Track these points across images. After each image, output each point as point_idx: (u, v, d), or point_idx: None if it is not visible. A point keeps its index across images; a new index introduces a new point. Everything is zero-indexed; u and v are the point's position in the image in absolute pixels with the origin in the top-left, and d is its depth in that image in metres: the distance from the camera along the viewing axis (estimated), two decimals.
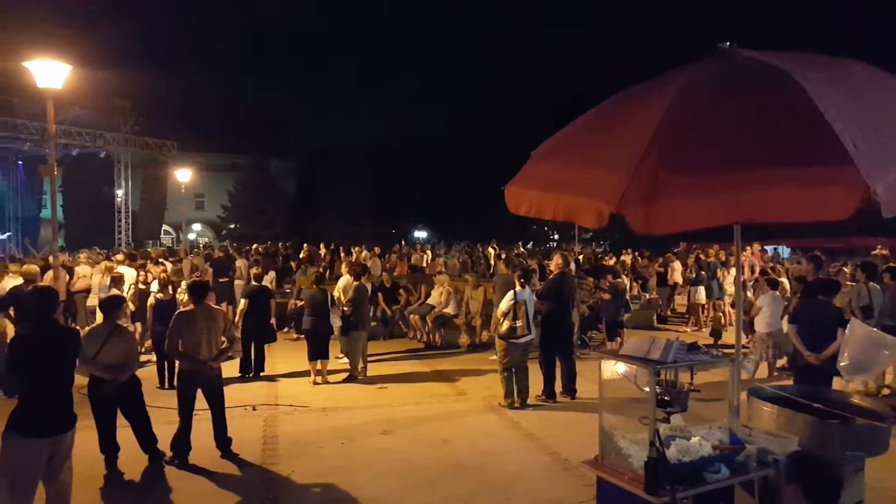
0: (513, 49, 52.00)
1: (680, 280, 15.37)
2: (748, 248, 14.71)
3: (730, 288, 13.62)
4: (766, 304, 9.02)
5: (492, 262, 21.85)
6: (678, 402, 3.86)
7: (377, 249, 21.10)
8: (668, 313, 15.39)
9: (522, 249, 24.61)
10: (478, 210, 39.89)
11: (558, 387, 8.12)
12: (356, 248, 21.75)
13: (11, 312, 7.96)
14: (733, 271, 12.76)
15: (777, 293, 9.28)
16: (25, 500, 4.01)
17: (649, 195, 2.85)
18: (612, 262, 16.11)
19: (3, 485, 3.98)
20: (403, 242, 29.95)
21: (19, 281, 8.80)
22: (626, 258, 17.30)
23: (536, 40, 52.59)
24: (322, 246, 23.04)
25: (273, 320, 10.01)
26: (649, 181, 2.87)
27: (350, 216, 39.20)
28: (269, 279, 13.25)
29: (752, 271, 13.23)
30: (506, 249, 23.74)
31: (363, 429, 6.94)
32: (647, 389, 3.57)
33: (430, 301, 12.50)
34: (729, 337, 11.71)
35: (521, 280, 7.92)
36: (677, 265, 15.53)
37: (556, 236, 46.99)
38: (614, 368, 3.88)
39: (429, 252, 22.80)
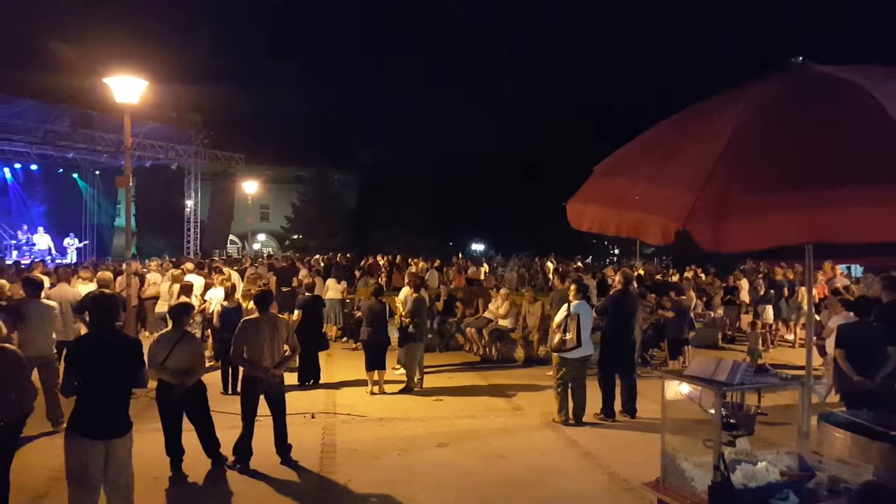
0: (576, 62, 51.67)
1: (747, 299, 14.83)
2: (825, 266, 14.05)
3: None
4: (838, 326, 8.59)
5: (550, 276, 21.64)
6: (744, 426, 3.73)
7: (438, 261, 21.22)
8: (735, 333, 14.83)
9: (580, 264, 24.26)
10: (536, 224, 39.65)
11: (617, 405, 7.94)
12: (414, 260, 21.95)
13: (86, 317, 8.37)
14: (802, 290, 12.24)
15: (851, 314, 8.82)
16: (87, 499, 4.17)
17: (718, 212, 2.77)
18: (675, 278, 15.70)
19: (69, 482, 4.18)
20: (461, 255, 30.01)
21: (93, 287, 9.26)
22: (690, 274, 16.82)
23: (600, 54, 52.09)
24: (380, 257, 23.37)
25: (333, 330, 10.18)
26: (718, 198, 2.79)
27: (409, 228, 39.62)
28: (340, 289, 13.61)
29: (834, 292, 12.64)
30: (564, 264, 23.47)
31: (419, 440, 6.97)
32: (713, 411, 3.47)
33: (486, 314, 12.46)
34: (799, 358, 11.26)
35: (577, 293, 7.82)
36: (744, 283, 15.00)
37: (617, 251, 46.13)
38: (678, 389, 3.78)
39: (486, 265, 22.77)
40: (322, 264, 18.95)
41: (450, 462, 6.31)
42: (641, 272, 16.72)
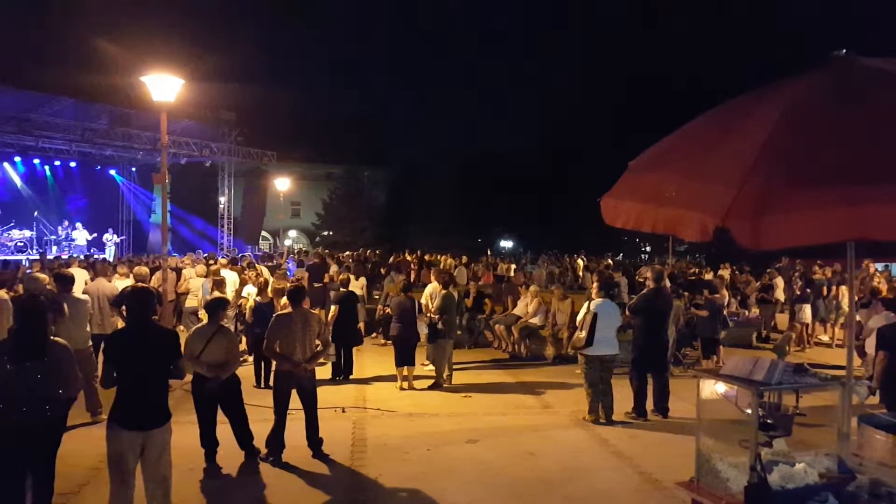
0: (606, 56, 51.12)
1: (782, 297, 14.52)
2: (862, 264, 13.70)
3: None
4: (879, 326, 8.36)
5: (580, 273, 21.50)
6: (782, 426, 3.65)
7: (465, 258, 21.23)
8: (770, 332, 14.53)
9: (610, 261, 24.04)
10: (566, 221, 39.40)
11: (649, 405, 7.85)
12: (442, 257, 21.98)
13: (124, 311, 8.56)
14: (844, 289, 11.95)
15: (893, 314, 8.59)
16: (125, 488, 4.27)
17: (758, 208, 2.71)
18: (709, 276, 15.44)
19: (110, 472, 4.29)
20: (489, 252, 29.97)
21: (130, 282, 9.47)
22: (725, 272, 16.53)
23: (630, 48, 51.39)
24: (407, 253, 23.48)
25: (361, 325, 10.27)
26: (758, 193, 2.73)
27: (437, 225, 39.73)
28: (359, 285, 13.64)
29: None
30: (595, 261, 23.28)
31: (449, 436, 6.98)
32: (749, 411, 3.40)
33: (516, 311, 12.43)
34: (835, 359, 10.99)
35: (601, 290, 7.75)
36: (780, 281, 14.69)
37: (649, 248, 45.61)
38: (714, 388, 3.72)
39: (513, 264, 22.71)
40: (351, 260, 19.11)
41: (479, 458, 6.31)
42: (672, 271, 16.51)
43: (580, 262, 23.31)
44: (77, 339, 7.03)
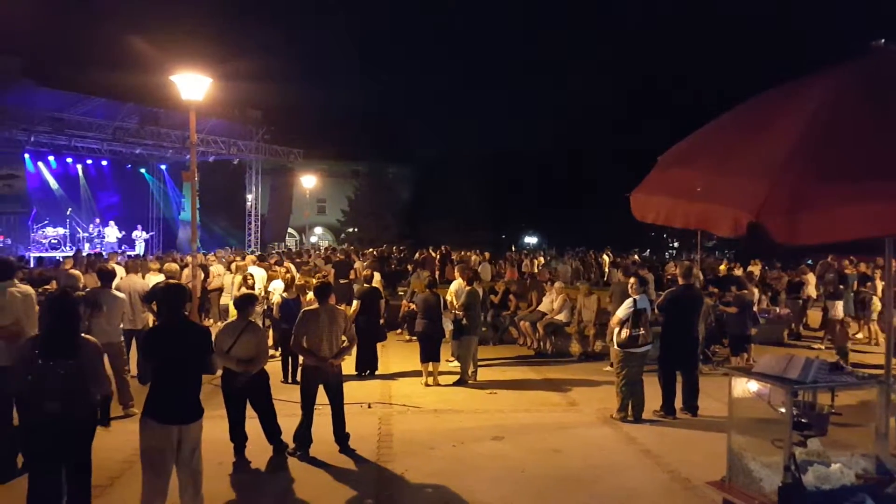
0: (629, 53, 50.48)
1: (814, 294, 14.22)
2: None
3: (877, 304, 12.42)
4: None
5: (605, 269, 21.31)
6: (817, 426, 3.57)
7: (486, 254, 21.18)
8: (801, 329, 14.25)
9: (637, 257, 23.78)
10: (591, 216, 39.10)
11: (678, 403, 7.75)
12: (466, 253, 21.95)
13: (154, 307, 8.71)
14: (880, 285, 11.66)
15: None
16: (160, 482, 4.35)
17: (794, 203, 2.63)
18: (739, 272, 15.19)
19: (143, 465, 4.37)
20: (514, 248, 29.88)
21: (161, 278, 9.62)
22: (755, 268, 16.25)
23: (658, 41, 50.67)
24: (430, 250, 23.49)
25: (382, 320, 10.30)
26: (793, 188, 2.66)
27: (462, 222, 39.71)
28: (376, 281, 13.68)
29: None
30: (621, 257, 23.06)
31: (474, 433, 6.97)
32: (783, 410, 3.34)
33: (541, 308, 12.36)
34: (870, 357, 10.72)
35: (639, 288, 7.66)
36: (811, 277, 14.40)
37: (676, 244, 45.02)
38: (746, 386, 3.65)
39: (541, 258, 22.59)
40: (375, 256, 19.19)
41: (505, 455, 6.29)
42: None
43: (606, 258, 23.10)
44: (110, 332, 7.18)
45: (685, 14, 50.07)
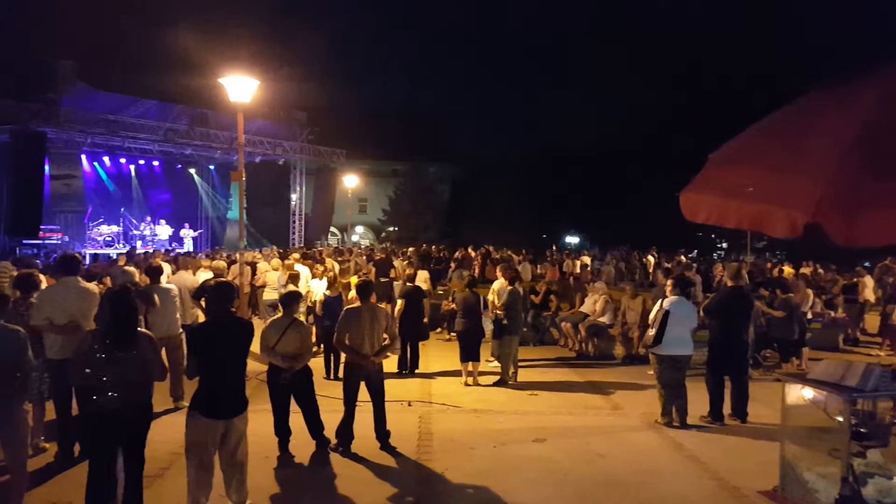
0: (671, 52, 49.40)
1: (871, 297, 13.66)
2: None
3: None
4: None
5: (650, 270, 20.94)
6: (877, 436, 3.41)
7: (524, 253, 21.05)
8: (858, 335, 13.69)
9: (684, 258, 23.25)
10: (635, 215, 38.44)
11: (727, 408, 7.53)
12: (508, 252, 21.85)
13: (203, 303, 8.91)
14: None
15: None
16: (205, 474, 4.45)
17: (853, 203, 2.52)
18: (789, 272, 14.70)
19: (189, 457, 4.47)
20: (555, 248, 29.60)
21: (210, 275, 9.85)
22: (806, 270, 15.72)
23: (703, 38, 49.51)
24: (471, 249, 23.46)
25: (425, 320, 10.31)
26: (853, 187, 2.54)
27: (502, 221, 39.55)
28: (422, 279, 13.71)
29: None
30: (667, 258, 22.60)
31: (515, 434, 6.92)
32: (840, 419, 3.20)
33: (583, 309, 12.20)
34: None
35: (673, 289, 7.50)
36: (868, 280, 13.82)
37: (725, 245, 43.90)
38: (801, 393, 3.52)
39: (585, 258, 22.33)
40: (416, 256, 19.27)
41: (546, 458, 6.22)
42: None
43: (650, 258, 22.68)
44: (169, 326, 7.41)
45: (730, 12, 48.89)
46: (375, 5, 63.94)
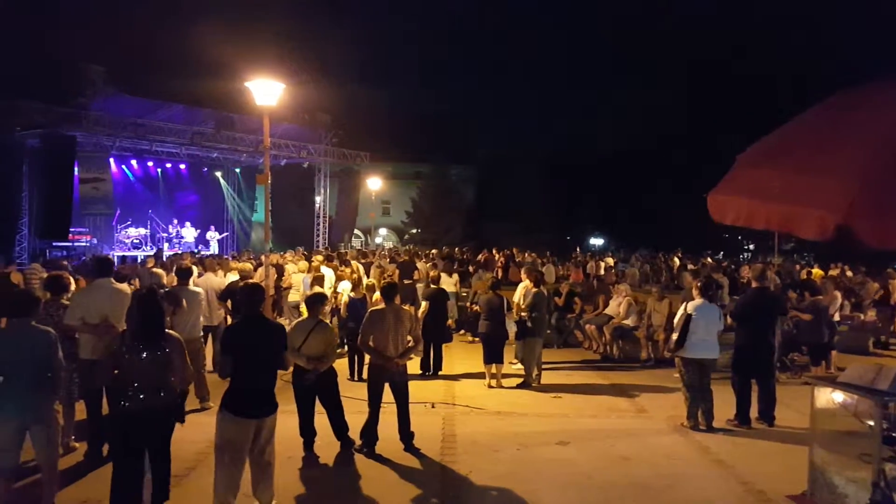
0: (701, 51, 48.78)
1: None
2: None
3: None
4: None
5: (675, 272, 20.72)
6: None
7: (548, 255, 20.98)
8: (888, 338, 13.39)
9: (710, 260, 22.97)
10: (661, 217, 38.05)
11: (753, 412, 7.43)
12: (531, 254, 21.79)
13: (229, 304, 9.03)
14: None
15: None
16: (234, 473, 4.51)
17: (885, 204, 2.48)
18: (819, 276, 14.44)
19: (219, 457, 4.54)
20: (578, 249, 29.43)
21: (236, 277, 9.97)
22: (834, 272, 15.43)
23: (726, 40, 48.83)
24: (495, 251, 23.43)
25: (451, 322, 10.32)
26: (885, 188, 2.51)
27: (525, 223, 39.45)
28: (452, 282, 13.73)
29: None
30: (692, 260, 22.34)
31: (539, 437, 6.89)
32: (872, 423, 3.15)
33: (608, 311, 12.12)
34: None
35: (700, 291, 7.41)
36: None
37: (752, 246, 43.26)
38: (830, 397, 3.47)
39: (609, 260, 22.18)
40: (440, 258, 19.32)
41: (571, 461, 6.19)
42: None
43: (676, 260, 22.44)
44: (191, 329, 7.50)
45: (755, 12, 48.18)
46: (399, 8, 64.22)
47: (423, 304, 10.16)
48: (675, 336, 7.23)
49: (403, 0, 64.49)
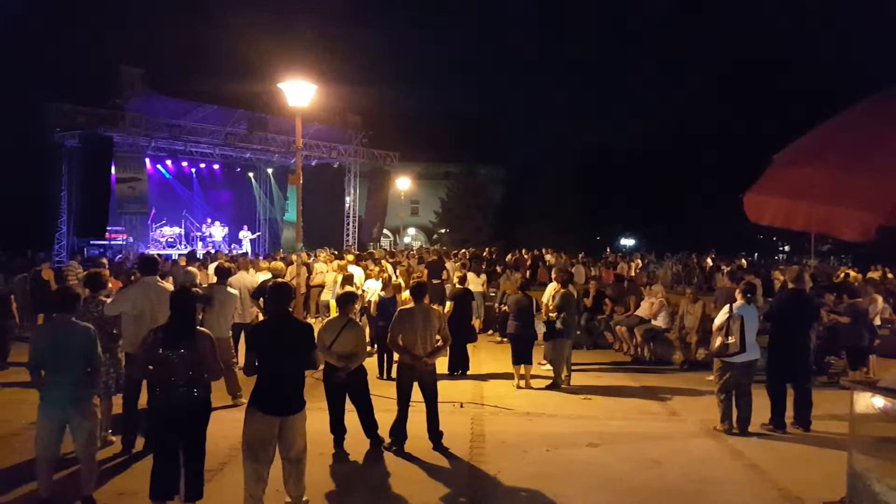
0: (731, 51, 47.87)
1: None
2: None
3: None
4: None
5: (707, 274, 20.38)
6: None
7: (579, 256, 20.82)
8: None
9: (744, 262, 22.55)
10: (693, 217, 37.46)
11: (788, 416, 7.27)
12: (561, 255, 21.65)
13: (261, 303, 9.16)
14: None
15: None
16: (261, 468, 4.58)
17: None
18: (857, 278, 14.08)
19: (246, 452, 4.61)
20: (609, 250, 29.14)
21: (268, 275, 10.11)
22: (875, 274, 15.02)
23: (762, 36, 47.82)
24: (524, 251, 23.32)
25: (478, 322, 10.29)
26: None
27: (555, 223, 39.18)
28: (480, 282, 13.72)
29: None
30: (725, 261, 21.96)
31: (568, 438, 6.85)
32: None
33: (639, 312, 11.97)
34: None
35: (744, 294, 7.27)
36: None
37: (787, 248, 42.34)
38: (870, 402, 3.38)
39: (638, 261, 21.93)
40: (468, 258, 19.31)
41: (601, 463, 6.14)
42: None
43: (709, 261, 22.08)
44: (220, 328, 7.62)
45: (790, 8, 47.14)
46: (429, 9, 64.37)
47: (448, 304, 10.16)
48: (731, 339, 7.01)
49: (433, 1, 64.67)
